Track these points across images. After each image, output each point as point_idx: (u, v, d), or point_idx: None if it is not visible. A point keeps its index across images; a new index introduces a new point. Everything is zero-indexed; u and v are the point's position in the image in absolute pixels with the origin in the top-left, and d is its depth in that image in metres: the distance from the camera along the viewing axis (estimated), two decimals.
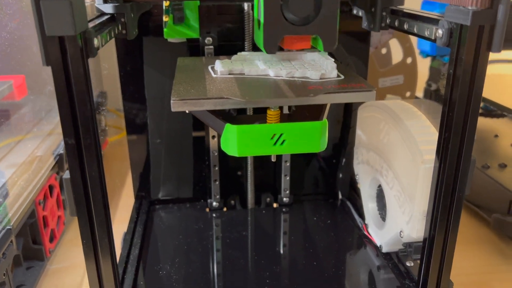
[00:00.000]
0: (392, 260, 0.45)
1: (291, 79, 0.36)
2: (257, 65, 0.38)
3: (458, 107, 0.33)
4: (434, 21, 0.34)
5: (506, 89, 0.89)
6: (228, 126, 0.33)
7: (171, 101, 0.32)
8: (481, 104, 0.82)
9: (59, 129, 0.56)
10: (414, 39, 0.74)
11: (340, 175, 0.57)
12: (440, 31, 0.33)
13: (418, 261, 0.40)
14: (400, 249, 0.45)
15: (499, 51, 0.31)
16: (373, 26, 0.42)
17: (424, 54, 0.70)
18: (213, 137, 0.52)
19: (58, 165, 0.56)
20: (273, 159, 0.38)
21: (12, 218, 0.42)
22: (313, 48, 0.38)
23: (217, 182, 0.54)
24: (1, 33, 0.68)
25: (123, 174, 0.76)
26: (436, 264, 0.38)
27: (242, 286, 0.42)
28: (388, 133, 0.42)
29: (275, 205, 0.57)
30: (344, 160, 0.56)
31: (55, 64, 0.28)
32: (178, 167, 0.56)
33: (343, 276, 0.44)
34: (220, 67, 0.38)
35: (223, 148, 0.34)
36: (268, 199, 0.57)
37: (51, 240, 0.53)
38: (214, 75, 0.37)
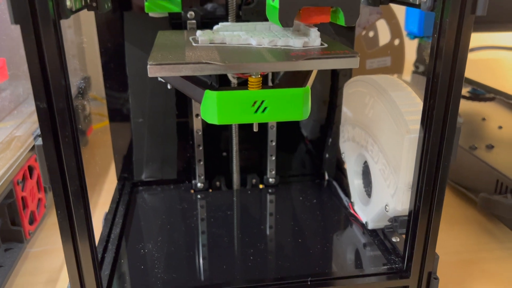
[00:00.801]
0: (378, 236, 0.45)
1: (273, 47, 0.35)
2: (239, 34, 0.37)
3: (442, 72, 0.32)
4: None
5: (499, 73, 0.89)
6: (208, 93, 0.32)
7: (148, 66, 0.31)
8: (469, 88, 0.82)
9: None
10: (402, 21, 0.73)
11: (327, 155, 0.56)
12: None
13: (404, 236, 0.39)
14: (386, 225, 0.44)
15: (483, 13, 0.31)
16: (373, 1, 0.41)
17: (412, 35, 0.69)
18: (197, 115, 0.51)
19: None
20: (255, 129, 0.37)
21: None
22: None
23: (201, 163, 0.53)
24: None
25: (107, 161, 0.74)
26: (421, 236, 0.37)
27: (226, 262, 0.41)
28: (373, 107, 0.42)
29: (261, 186, 0.56)
30: (330, 140, 0.55)
31: (25, 22, 0.26)
32: (161, 148, 0.54)
33: (328, 254, 0.43)
34: (200, 36, 0.37)
35: (203, 116, 0.33)
36: (254, 180, 0.56)
37: (31, 222, 0.52)
38: (194, 44, 0.36)
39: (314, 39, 0.36)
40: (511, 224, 0.53)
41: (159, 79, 0.43)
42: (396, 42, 0.74)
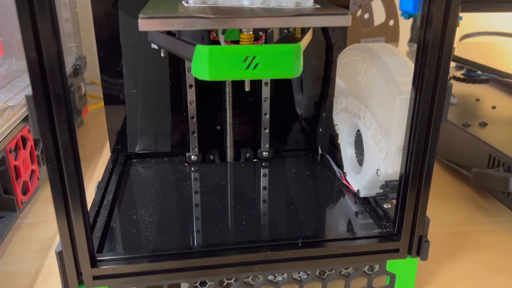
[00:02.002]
0: (370, 204, 0.45)
1: (266, 7, 0.35)
2: None
3: (434, 26, 0.32)
4: None
5: (494, 55, 0.89)
6: (199, 47, 0.32)
7: (139, 20, 0.31)
8: (464, 70, 0.82)
9: None
10: (397, 2, 0.73)
11: (320, 130, 0.56)
12: None
13: (395, 202, 0.39)
14: (378, 193, 0.44)
15: None
16: None
17: (406, 15, 0.69)
18: (190, 86, 0.51)
19: None
20: (247, 88, 0.37)
21: None
22: None
23: (195, 135, 0.53)
24: None
25: (102, 140, 0.74)
26: (412, 199, 0.37)
27: (218, 227, 0.41)
28: (366, 73, 0.42)
29: (255, 160, 0.56)
30: (324, 114, 0.55)
31: None
32: (155, 120, 0.54)
33: (320, 220, 0.44)
34: None
35: (194, 73, 0.33)
36: (248, 154, 0.56)
37: (24, 192, 0.52)
38: (187, 5, 0.36)
39: (307, 0, 0.36)
40: (502, 197, 0.53)
41: (152, 46, 0.43)
42: (391, 23, 0.74)
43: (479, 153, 0.57)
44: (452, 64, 0.87)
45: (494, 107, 0.70)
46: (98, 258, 0.35)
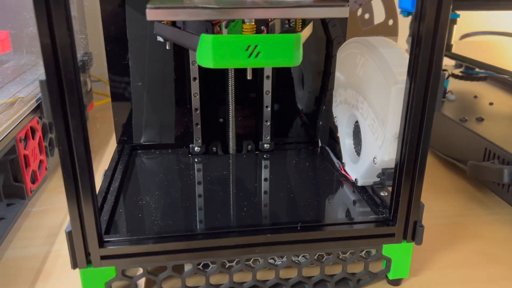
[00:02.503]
0: (367, 192, 0.46)
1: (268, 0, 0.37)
2: None
3: (427, 20, 0.33)
4: None
5: (492, 53, 0.91)
6: (204, 36, 0.33)
7: (146, 10, 0.32)
8: (462, 68, 0.84)
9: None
10: (396, 1, 0.75)
11: (320, 123, 0.58)
12: None
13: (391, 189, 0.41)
14: (375, 181, 0.46)
15: None
16: None
17: (405, 13, 0.71)
18: (194, 79, 0.53)
19: (41, 110, 0.56)
20: (249, 77, 0.38)
21: None
22: None
23: (198, 126, 0.55)
24: None
25: (108, 134, 0.76)
26: (407, 185, 0.39)
27: (220, 212, 0.43)
28: (364, 65, 0.43)
29: (256, 152, 0.58)
30: (324, 107, 0.57)
31: None
32: (160, 112, 0.56)
33: (319, 207, 0.45)
34: None
35: (199, 62, 0.35)
36: (249, 146, 0.58)
37: (32, 181, 0.54)
38: None
39: None
40: (497, 189, 0.54)
41: (158, 38, 0.45)
42: (390, 22, 0.76)
43: (475, 147, 0.58)
44: (452, 62, 0.89)
45: (491, 103, 0.71)
46: (106, 239, 0.37)
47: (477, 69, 0.81)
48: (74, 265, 0.37)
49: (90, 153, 0.34)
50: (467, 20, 1.07)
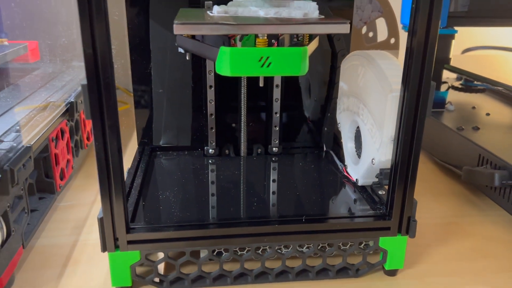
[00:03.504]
0: (367, 192, 0.51)
1: (278, 17, 0.42)
2: (250, 8, 0.44)
3: (419, 35, 0.38)
4: None
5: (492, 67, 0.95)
6: (223, 48, 0.38)
7: (174, 25, 0.38)
8: (462, 80, 0.88)
9: (70, 85, 0.62)
10: (398, 19, 0.80)
11: (325, 129, 0.62)
12: None
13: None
14: (374, 182, 0.50)
15: None
16: None
17: (406, 28, 0.75)
18: (210, 87, 0.58)
19: (69, 113, 0.61)
20: (261, 84, 0.43)
21: (31, 140, 0.48)
22: None
23: (213, 130, 0.60)
24: (24, 6, 0.74)
25: (128, 138, 0.81)
26: (401, 183, 0.43)
27: (232, 206, 0.47)
28: (364, 76, 0.48)
29: (266, 155, 0.62)
30: (328, 115, 0.62)
31: None
32: (178, 116, 0.61)
33: (322, 204, 0.49)
34: (217, 8, 0.43)
35: (217, 70, 0.40)
36: (259, 150, 0.62)
37: (61, 178, 0.59)
38: (211, 14, 0.43)
39: (313, 11, 0.42)
40: (490, 192, 0.58)
41: (179, 50, 0.50)
42: (392, 40, 0.81)
43: (470, 154, 0.62)
44: (453, 75, 0.93)
45: (488, 114, 0.75)
46: (132, 226, 0.42)
47: (475, 82, 0.86)
48: (104, 248, 0.41)
49: (121, 149, 0.39)
50: (469, 34, 1.12)
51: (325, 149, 0.63)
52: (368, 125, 0.47)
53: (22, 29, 0.75)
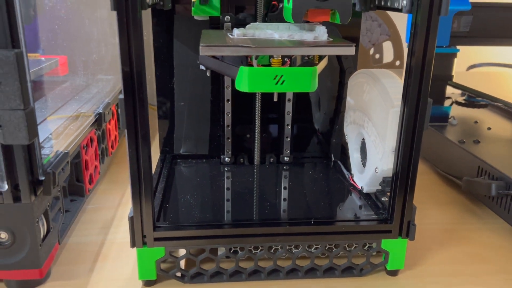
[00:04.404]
0: (371, 199, 0.55)
1: (291, 39, 0.47)
2: (265, 30, 0.49)
3: (417, 56, 0.43)
4: None
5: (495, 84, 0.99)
6: (242, 68, 0.43)
7: (200, 47, 0.43)
8: (465, 96, 0.92)
9: (98, 97, 0.68)
10: (405, 44, 0.85)
11: (334, 140, 0.67)
12: (404, 2, 0.44)
13: None
14: (378, 189, 0.54)
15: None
16: (364, 7, 0.53)
17: None
18: (227, 100, 0.63)
19: (97, 123, 0.67)
20: (275, 99, 0.48)
21: (67, 147, 0.53)
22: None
23: (229, 140, 0.65)
24: (52, 22, 0.80)
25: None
26: (402, 189, 0.47)
27: (247, 209, 0.52)
28: (369, 92, 0.53)
29: (277, 164, 0.67)
30: (336, 127, 0.66)
31: (120, 8, 0.39)
32: (197, 127, 0.66)
33: (330, 209, 0.54)
34: (236, 31, 0.49)
35: (237, 86, 0.45)
36: (272, 159, 0.67)
37: (90, 182, 0.64)
38: (231, 37, 0.48)
39: (323, 34, 0.47)
40: (487, 201, 0.62)
41: (201, 67, 0.55)
42: (397, 63, 0.86)
43: (470, 165, 0.66)
44: (457, 91, 0.97)
45: (489, 128, 0.79)
46: (158, 225, 0.47)
47: (478, 98, 0.90)
48: (133, 244, 0.46)
49: (150, 156, 0.44)
50: (476, 52, 1.16)
51: (333, 159, 0.67)
52: (372, 137, 0.52)
53: (53, 45, 0.81)
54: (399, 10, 0.46)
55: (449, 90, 0.93)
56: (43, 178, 0.45)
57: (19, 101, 0.39)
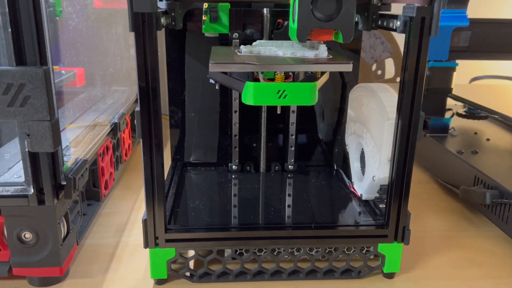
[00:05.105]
0: (370, 206, 0.58)
1: (294, 57, 0.50)
2: (270, 48, 0.53)
3: (409, 73, 0.46)
4: (396, 17, 0.49)
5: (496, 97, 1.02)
6: (248, 83, 0.47)
7: (210, 64, 0.47)
8: (465, 108, 0.95)
9: (113, 108, 0.72)
10: None
11: (336, 150, 0.70)
12: (398, 23, 0.47)
13: None
14: (376, 197, 0.58)
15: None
16: (366, 26, 0.57)
17: None
18: (235, 111, 0.67)
19: (113, 132, 0.71)
20: (278, 111, 0.52)
21: (86, 155, 0.57)
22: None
23: (236, 149, 0.68)
24: (74, 39, 0.85)
25: None
26: (397, 196, 0.50)
27: (252, 213, 0.56)
28: (367, 105, 0.56)
29: (282, 172, 0.71)
30: (339, 137, 0.70)
31: (137, 30, 0.43)
32: (206, 137, 0.70)
33: (331, 215, 0.57)
34: (243, 48, 0.53)
35: (243, 100, 0.48)
36: (277, 167, 0.71)
37: (105, 188, 0.68)
38: (239, 54, 0.52)
39: (323, 52, 0.51)
40: (483, 209, 0.65)
41: (210, 81, 0.59)
42: (398, 79, 0.89)
43: (467, 175, 0.69)
44: (460, 103, 1.00)
45: (488, 139, 0.82)
46: (169, 227, 0.50)
47: (478, 109, 0.93)
48: (146, 245, 0.50)
49: (163, 163, 0.47)
50: (477, 64, 1.19)
51: (335, 167, 0.71)
52: (370, 147, 0.55)
53: (72, 58, 0.86)
54: (394, 30, 0.49)
55: (452, 102, 0.96)
56: (64, 183, 0.49)
57: (46, 113, 0.43)
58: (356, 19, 0.60)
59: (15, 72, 0.42)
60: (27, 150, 0.45)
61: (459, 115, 0.94)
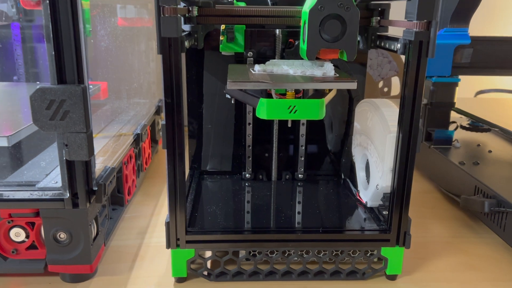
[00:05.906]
0: (374, 212, 0.62)
1: (303, 75, 0.55)
2: (282, 67, 0.58)
3: (408, 90, 0.51)
4: (397, 40, 0.53)
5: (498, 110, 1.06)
6: (262, 99, 0.52)
7: (228, 82, 0.52)
8: (469, 121, 0.99)
9: (135, 119, 0.77)
10: None
11: (343, 160, 0.75)
12: (399, 45, 0.52)
13: None
14: (380, 204, 0.62)
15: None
16: (366, 46, 0.62)
17: None
18: (249, 124, 0.72)
19: (136, 142, 0.76)
20: (289, 125, 0.56)
21: (113, 163, 0.62)
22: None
23: (250, 159, 0.73)
24: (104, 58, 0.91)
25: None
26: (398, 204, 0.55)
27: (264, 218, 0.60)
28: (372, 119, 0.61)
29: (293, 181, 0.75)
30: (346, 148, 0.74)
31: (164, 53, 0.48)
32: (222, 147, 0.75)
33: (338, 221, 0.61)
34: (257, 67, 0.58)
35: (257, 114, 0.53)
36: (287, 176, 0.75)
37: (128, 194, 0.73)
38: (253, 72, 0.57)
39: (330, 70, 0.56)
40: (482, 217, 0.69)
41: (226, 95, 0.64)
42: None
43: (468, 185, 0.73)
44: (464, 116, 1.04)
45: (490, 151, 0.86)
46: (189, 230, 0.55)
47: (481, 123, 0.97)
48: (168, 245, 0.55)
49: (184, 171, 0.52)
50: (484, 79, 1.23)
51: (343, 177, 0.75)
52: (374, 158, 0.60)
53: (97, 72, 0.92)
54: (394, 51, 0.54)
55: (457, 115, 1.00)
56: (96, 188, 0.54)
57: (83, 125, 0.49)
58: (358, 39, 0.65)
59: (57, 90, 0.48)
60: (64, 158, 0.50)
61: (463, 127, 0.98)
